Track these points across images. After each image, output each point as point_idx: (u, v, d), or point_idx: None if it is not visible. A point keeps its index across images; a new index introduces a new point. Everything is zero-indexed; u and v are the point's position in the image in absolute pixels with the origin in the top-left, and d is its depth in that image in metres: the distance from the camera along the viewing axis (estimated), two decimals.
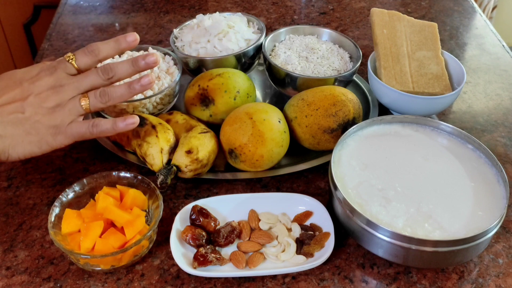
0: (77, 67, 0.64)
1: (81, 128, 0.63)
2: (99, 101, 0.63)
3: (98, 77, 0.63)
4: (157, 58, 0.65)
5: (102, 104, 0.64)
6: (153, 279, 0.60)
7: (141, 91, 0.65)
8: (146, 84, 0.64)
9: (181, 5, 1.16)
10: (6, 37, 1.65)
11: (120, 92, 0.64)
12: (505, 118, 0.84)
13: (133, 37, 0.65)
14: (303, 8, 1.17)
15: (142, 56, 0.65)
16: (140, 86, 0.64)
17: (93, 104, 0.63)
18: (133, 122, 0.64)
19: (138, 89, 0.65)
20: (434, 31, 0.84)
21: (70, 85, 0.63)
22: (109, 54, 0.65)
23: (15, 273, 0.60)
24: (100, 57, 0.64)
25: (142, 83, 0.64)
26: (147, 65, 0.65)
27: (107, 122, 0.64)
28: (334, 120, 0.71)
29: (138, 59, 0.65)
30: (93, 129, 0.63)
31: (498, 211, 0.58)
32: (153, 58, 0.65)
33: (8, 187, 0.71)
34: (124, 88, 0.64)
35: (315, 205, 0.66)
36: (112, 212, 0.61)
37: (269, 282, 0.59)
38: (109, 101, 0.64)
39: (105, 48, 0.64)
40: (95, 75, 0.63)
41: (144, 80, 0.64)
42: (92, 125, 0.63)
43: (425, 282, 0.60)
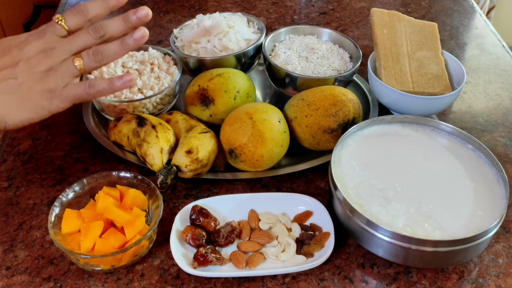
0: (67, 28, 0.61)
1: (77, 90, 0.61)
2: (92, 60, 0.61)
3: (90, 36, 0.61)
4: (148, 12, 0.62)
5: (96, 63, 0.61)
6: (153, 279, 0.60)
7: (135, 46, 0.62)
8: (139, 38, 0.61)
9: (181, 5, 1.16)
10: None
11: (113, 49, 0.61)
12: (505, 118, 0.84)
13: None
14: (303, 8, 1.17)
15: (133, 11, 0.62)
16: (134, 41, 0.61)
17: (87, 63, 0.61)
18: (130, 79, 0.62)
19: (132, 44, 0.61)
20: (434, 31, 0.84)
21: (61, 47, 0.61)
22: (98, 13, 0.63)
23: (15, 273, 0.60)
24: (90, 16, 0.62)
25: (135, 37, 0.61)
26: (139, 20, 0.62)
27: (103, 82, 0.61)
28: (334, 120, 0.71)
29: (129, 14, 0.62)
30: (90, 90, 0.61)
31: (498, 211, 0.58)
32: (144, 12, 0.62)
33: (8, 187, 0.71)
34: (117, 45, 0.62)
35: (315, 205, 0.66)
36: (112, 212, 0.61)
37: (269, 282, 0.59)
38: (103, 59, 0.61)
39: (93, 7, 0.62)
40: (86, 34, 0.61)
41: (137, 34, 0.61)
42: (88, 86, 0.61)
43: (425, 282, 0.60)
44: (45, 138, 0.79)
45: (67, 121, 0.82)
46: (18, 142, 0.78)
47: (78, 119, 0.81)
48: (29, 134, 0.79)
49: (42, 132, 0.80)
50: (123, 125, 0.72)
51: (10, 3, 1.59)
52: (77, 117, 0.82)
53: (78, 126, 0.81)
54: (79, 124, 0.81)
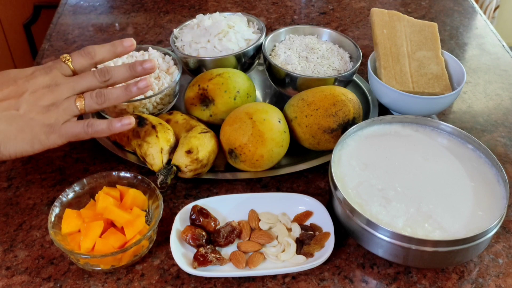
0: (72, 68, 0.64)
1: (75, 128, 0.62)
2: (94, 102, 0.63)
3: (95, 79, 0.63)
4: (155, 65, 0.65)
5: (98, 106, 0.63)
6: (153, 279, 0.60)
7: (137, 94, 0.65)
8: (143, 87, 0.64)
9: (181, 5, 1.16)
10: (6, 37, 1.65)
11: (116, 94, 0.64)
12: (505, 118, 0.84)
13: (130, 42, 0.66)
14: (303, 8, 1.17)
15: (140, 62, 0.65)
16: (137, 89, 0.64)
17: (88, 104, 0.63)
18: (129, 122, 0.64)
19: (135, 92, 0.64)
20: (434, 31, 0.84)
21: (66, 85, 0.62)
22: (105, 58, 0.65)
23: (15, 273, 0.60)
24: (96, 59, 0.64)
25: (139, 86, 0.64)
26: (144, 71, 0.65)
27: (102, 123, 0.63)
28: (334, 120, 0.71)
29: (135, 64, 0.65)
30: (88, 129, 0.62)
31: (498, 211, 0.58)
32: (150, 64, 0.65)
33: (8, 187, 0.71)
34: (120, 90, 0.64)
35: (315, 205, 0.66)
36: (112, 212, 0.61)
37: (269, 282, 0.60)
38: (105, 102, 0.63)
39: (101, 51, 0.64)
40: (91, 76, 0.63)
41: (141, 84, 0.64)
42: (87, 125, 0.62)
43: (425, 282, 0.60)
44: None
45: None
46: None
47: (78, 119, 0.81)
48: None
49: None
50: None
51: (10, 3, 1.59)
52: (77, 117, 0.81)
53: None
54: None
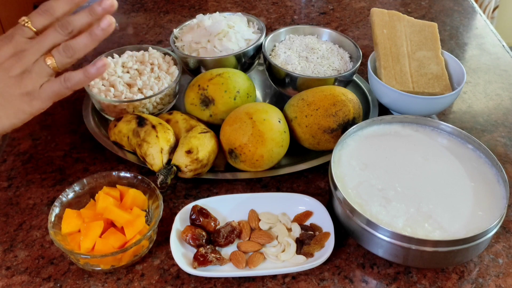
0: (34, 29, 0.61)
1: (54, 86, 0.61)
2: (64, 56, 0.60)
3: (58, 34, 0.61)
4: (114, 2, 0.62)
5: (69, 59, 0.61)
6: (153, 279, 0.60)
7: (103, 35, 0.61)
8: (106, 26, 0.61)
9: (181, 5, 1.16)
10: None
11: (83, 42, 0.61)
12: (505, 118, 0.84)
13: None
14: (303, 8, 1.17)
15: (98, 2, 0.62)
16: (101, 30, 0.61)
17: (59, 60, 0.60)
18: (103, 64, 0.61)
19: (100, 34, 0.61)
20: (434, 31, 0.84)
21: (31, 48, 0.60)
22: (65, 11, 0.62)
23: (15, 273, 0.60)
24: (56, 15, 0.62)
25: (102, 26, 0.61)
26: (104, 10, 0.62)
27: (78, 73, 0.61)
28: (334, 120, 0.71)
29: (94, 6, 0.61)
30: (67, 83, 0.61)
31: (498, 211, 0.58)
32: (109, 2, 0.61)
33: (8, 187, 0.71)
34: (86, 37, 0.61)
35: (315, 205, 0.66)
36: (112, 212, 0.61)
37: (269, 282, 0.59)
38: (75, 53, 0.61)
39: (59, 5, 0.61)
40: (54, 32, 0.61)
41: (103, 23, 0.60)
42: (64, 80, 0.61)
43: (425, 282, 0.60)
44: (45, 138, 0.79)
45: (67, 121, 0.82)
46: (18, 142, 0.78)
47: (78, 119, 0.81)
48: (29, 134, 0.80)
49: (42, 132, 0.80)
50: (123, 125, 0.72)
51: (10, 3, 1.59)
52: (77, 117, 0.82)
53: (78, 126, 0.81)
54: (79, 124, 0.81)
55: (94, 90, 0.77)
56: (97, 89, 0.77)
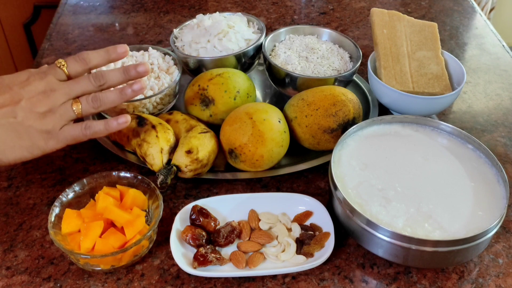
0: (67, 73, 0.64)
1: (73, 132, 0.63)
2: (91, 106, 0.64)
3: (90, 83, 0.64)
4: (148, 68, 0.66)
5: (94, 109, 0.64)
6: (153, 279, 0.60)
7: (132, 96, 0.66)
8: (138, 90, 0.65)
9: (181, 5, 1.16)
10: (6, 37, 1.65)
11: (112, 98, 0.65)
12: (505, 118, 0.84)
13: (123, 48, 0.66)
14: (303, 8, 1.17)
15: (134, 66, 0.66)
16: (132, 92, 0.65)
17: (85, 109, 0.63)
18: (125, 121, 0.65)
19: (130, 94, 0.65)
20: (434, 31, 0.84)
21: (62, 90, 0.63)
22: (99, 63, 0.66)
23: (15, 273, 0.60)
24: (91, 65, 0.65)
25: (134, 89, 0.65)
26: (138, 74, 0.66)
27: (99, 123, 0.64)
28: (334, 120, 0.71)
29: (129, 68, 0.66)
30: (86, 131, 0.63)
31: (498, 211, 0.58)
32: (143, 68, 0.66)
33: (8, 187, 0.71)
34: (115, 94, 0.65)
35: (315, 205, 0.66)
36: (112, 212, 0.61)
37: (269, 282, 0.60)
38: (101, 106, 0.64)
39: (95, 57, 0.65)
40: (86, 81, 0.64)
41: (135, 86, 0.65)
42: (84, 128, 0.63)
43: (425, 282, 0.60)
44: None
45: None
46: None
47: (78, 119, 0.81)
48: None
49: None
50: None
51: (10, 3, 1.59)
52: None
53: None
54: None
55: None
56: None
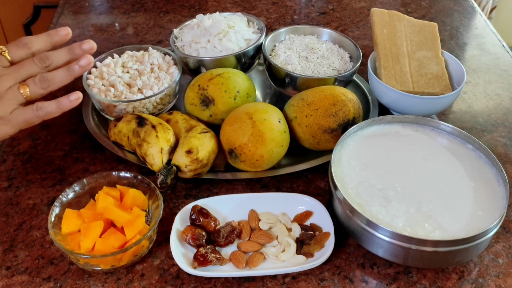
0: (10, 59, 0.63)
1: (25, 114, 0.62)
2: (39, 87, 0.62)
3: (35, 65, 0.63)
4: (93, 45, 0.65)
5: (43, 90, 0.63)
6: (153, 279, 0.60)
7: (80, 72, 0.64)
8: (85, 65, 0.63)
9: (181, 5, 1.16)
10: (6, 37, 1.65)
11: (60, 76, 0.63)
12: (505, 118, 0.84)
13: (66, 31, 0.65)
14: (303, 8, 1.17)
15: (78, 44, 0.64)
16: (79, 68, 0.63)
17: (33, 90, 0.62)
18: (77, 97, 0.63)
19: (78, 70, 0.63)
20: (434, 31, 0.84)
21: (7, 76, 0.62)
22: (42, 47, 0.64)
23: (15, 273, 0.60)
24: (33, 49, 0.63)
25: (81, 64, 0.63)
26: (83, 52, 0.64)
27: (51, 103, 0.63)
28: (334, 120, 0.71)
29: (74, 46, 0.64)
30: (38, 112, 0.62)
31: (498, 211, 0.58)
32: (88, 45, 0.64)
33: (8, 187, 0.71)
34: (63, 72, 0.63)
35: (315, 205, 0.66)
36: (112, 212, 0.61)
37: (269, 282, 0.59)
38: (50, 86, 0.63)
39: (37, 41, 0.64)
40: (31, 63, 0.63)
41: (82, 61, 0.63)
42: (36, 109, 0.62)
43: (425, 282, 0.60)
44: (45, 138, 0.79)
45: (67, 121, 0.82)
46: (18, 142, 0.78)
47: (78, 119, 0.81)
48: (29, 134, 0.79)
49: (42, 132, 0.80)
50: (123, 125, 0.72)
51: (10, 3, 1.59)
52: (77, 117, 0.82)
53: (78, 126, 0.81)
54: (79, 124, 0.81)
55: (94, 90, 0.77)
56: (97, 89, 0.77)
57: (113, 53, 0.83)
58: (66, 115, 0.83)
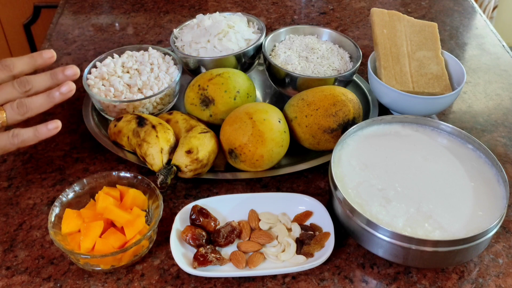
0: None
1: (0, 141, 0.60)
2: (16, 112, 0.60)
3: (14, 90, 0.61)
4: (77, 71, 0.63)
5: (20, 116, 0.61)
6: (153, 279, 0.60)
7: (61, 99, 0.62)
8: (66, 92, 0.61)
9: (181, 5, 1.16)
10: (6, 37, 1.65)
11: (39, 102, 0.61)
12: (505, 118, 0.84)
13: (50, 54, 0.63)
14: (303, 8, 1.17)
15: (61, 69, 0.62)
16: (60, 95, 0.61)
17: (10, 116, 0.60)
18: (55, 126, 0.62)
19: (58, 97, 0.62)
20: (434, 31, 0.84)
21: None
22: (24, 70, 0.62)
23: (15, 273, 0.60)
24: (15, 72, 0.62)
25: (62, 91, 0.61)
26: (66, 78, 0.62)
27: (28, 131, 0.61)
28: (334, 120, 0.71)
29: (56, 72, 0.62)
30: (14, 140, 0.60)
31: (498, 211, 0.58)
32: (71, 71, 0.62)
33: (8, 187, 0.71)
34: (43, 98, 0.61)
35: (315, 205, 0.66)
36: (112, 212, 0.61)
37: (269, 282, 0.59)
38: (28, 112, 0.61)
39: (19, 63, 0.62)
40: (10, 87, 0.61)
41: (63, 89, 0.61)
42: (12, 136, 0.60)
43: (425, 282, 0.60)
44: (45, 138, 0.79)
45: (67, 121, 0.82)
46: None
47: (78, 119, 0.81)
48: None
49: None
50: (123, 125, 0.72)
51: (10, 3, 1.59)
52: (77, 117, 0.82)
53: (78, 126, 0.81)
54: (79, 124, 0.81)
55: (94, 90, 0.77)
56: (97, 89, 0.77)
57: (113, 53, 0.83)
58: (67, 115, 0.83)
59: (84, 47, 1.01)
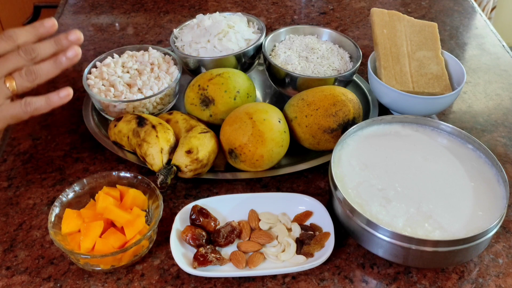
0: None
1: (13, 109, 0.61)
2: (25, 80, 0.61)
3: (20, 58, 0.61)
4: (80, 36, 0.63)
5: (29, 83, 0.61)
6: (153, 279, 0.60)
7: (68, 65, 0.62)
8: (72, 56, 0.62)
9: (181, 5, 1.16)
10: None
11: (46, 68, 0.61)
12: (505, 118, 0.84)
13: (51, 22, 0.63)
14: (303, 8, 1.17)
15: (64, 35, 0.62)
16: (66, 59, 0.62)
17: (19, 84, 0.60)
18: (67, 94, 0.62)
19: (65, 62, 0.62)
20: (434, 31, 0.84)
21: None
22: (27, 40, 0.62)
23: (15, 273, 0.60)
24: (18, 42, 0.61)
25: (68, 56, 0.61)
26: (70, 43, 0.62)
27: (40, 99, 0.61)
28: (334, 120, 0.71)
29: (60, 38, 0.62)
30: (27, 108, 0.61)
31: (498, 211, 0.58)
32: (74, 36, 0.62)
33: (8, 187, 0.71)
34: (50, 64, 0.61)
35: (315, 205, 0.66)
36: (112, 212, 0.61)
37: (269, 282, 0.59)
38: (37, 78, 0.61)
39: (22, 33, 0.62)
40: (16, 56, 0.61)
41: (69, 53, 0.61)
42: (24, 104, 0.61)
43: (425, 282, 0.60)
44: (45, 138, 0.79)
45: (67, 121, 0.82)
46: (18, 142, 0.78)
47: (78, 119, 0.81)
48: (29, 134, 0.80)
49: (42, 132, 0.80)
50: (123, 125, 0.72)
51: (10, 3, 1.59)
52: (77, 117, 0.82)
53: (78, 126, 0.81)
54: (79, 124, 0.81)
55: (94, 90, 0.77)
56: (97, 89, 0.77)
57: (113, 53, 0.83)
58: (67, 115, 0.83)
59: (84, 47, 1.01)
